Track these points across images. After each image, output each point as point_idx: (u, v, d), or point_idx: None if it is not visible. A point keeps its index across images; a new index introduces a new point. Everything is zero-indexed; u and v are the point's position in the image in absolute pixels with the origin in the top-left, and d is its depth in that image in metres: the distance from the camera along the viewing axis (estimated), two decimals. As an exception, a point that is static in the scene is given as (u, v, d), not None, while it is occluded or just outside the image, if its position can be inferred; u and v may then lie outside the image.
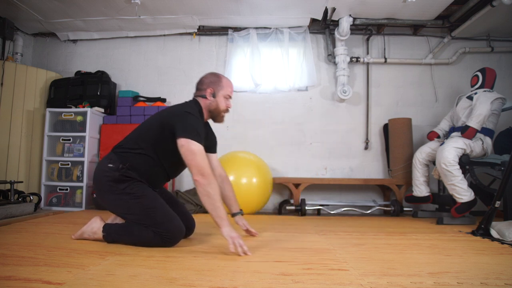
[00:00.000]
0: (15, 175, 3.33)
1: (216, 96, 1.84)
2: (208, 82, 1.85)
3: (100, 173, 1.73)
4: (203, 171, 1.58)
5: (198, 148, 1.61)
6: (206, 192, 1.57)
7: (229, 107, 1.89)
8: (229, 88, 1.87)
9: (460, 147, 2.68)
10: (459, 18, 3.40)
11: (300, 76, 3.78)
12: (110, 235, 1.71)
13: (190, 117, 1.68)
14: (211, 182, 1.58)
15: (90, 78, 3.70)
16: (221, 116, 1.89)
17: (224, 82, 1.86)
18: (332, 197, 3.72)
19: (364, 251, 1.66)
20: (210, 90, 1.83)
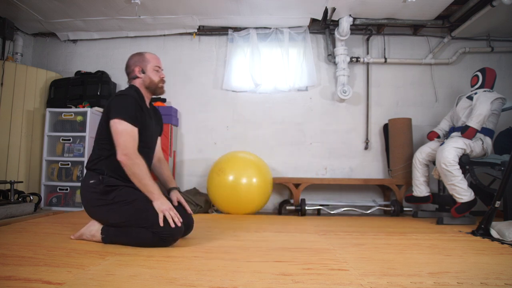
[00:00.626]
0: (15, 175, 3.33)
1: (146, 72, 1.87)
2: (133, 62, 1.89)
3: (86, 191, 1.76)
4: (126, 151, 1.62)
5: (123, 128, 1.64)
6: (132, 172, 1.63)
7: (163, 77, 1.92)
8: (155, 60, 1.91)
9: (460, 147, 2.68)
10: (459, 18, 3.40)
11: (300, 76, 3.78)
12: (108, 237, 1.71)
13: (121, 97, 1.72)
14: (135, 161, 1.62)
15: (90, 78, 3.70)
16: (160, 87, 1.91)
17: (148, 56, 1.90)
18: (332, 197, 3.72)
19: (364, 251, 1.66)
20: (138, 68, 1.86)
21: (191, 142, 3.89)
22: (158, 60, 1.94)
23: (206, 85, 3.94)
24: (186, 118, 3.91)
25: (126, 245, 1.67)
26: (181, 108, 3.91)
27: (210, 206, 3.40)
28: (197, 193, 3.57)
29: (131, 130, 1.66)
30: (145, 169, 1.65)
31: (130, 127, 1.66)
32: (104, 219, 1.74)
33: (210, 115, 3.89)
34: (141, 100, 1.81)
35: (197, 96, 3.92)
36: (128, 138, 1.64)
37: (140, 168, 1.63)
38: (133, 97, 1.74)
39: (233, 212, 3.17)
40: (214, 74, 3.94)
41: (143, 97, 1.86)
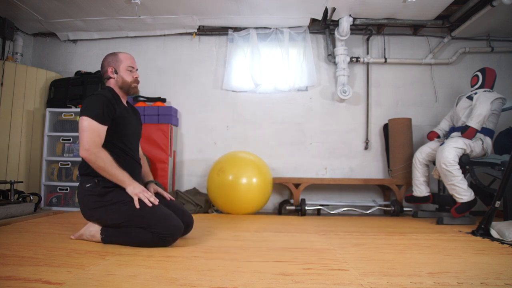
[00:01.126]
0: (15, 175, 3.33)
1: (118, 72, 1.87)
2: (107, 63, 1.89)
3: (83, 196, 1.76)
4: (87, 145, 1.62)
5: (87, 124, 1.65)
6: (98, 166, 1.64)
7: (136, 77, 1.91)
8: (128, 60, 1.90)
9: (460, 147, 2.68)
10: (459, 18, 3.40)
11: (300, 76, 3.78)
12: (108, 237, 1.71)
13: (91, 97, 1.74)
14: (98, 155, 1.63)
15: (90, 78, 3.70)
16: (133, 87, 1.91)
17: (121, 56, 1.89)
18: (332, 197, 3.72)
19: (364, 251, 1.66)
20: (111, 68, 1.87)
21: (191, 142, 3.89)
22: (131, 60, 1.93)
23: (206, 85, 3.94)
24: (186, 118, 3.91)
25: (126, 245, 1.67)
26: (181, 108, 3.91)
27: (210, 206, 3.40)
28: (197, 193, 3.57)
29: (96, 127, 1.66)
30: (109, 160, 1.64)
31: (94, 123, 1.66)
32: (102, 220, 1.74)
33: (210, 115, 3.89)
34: (116, 99, 1.82)
35: (197, 96, 3.92)
36: (91, 134, 1.64)
37: (104, 160, 1.63)
38: (104, 96, 1.74)
39: (233, 212, 3.17)
40: (214, 74, 3.94)
41: (118, 96, 1.87)
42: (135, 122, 1.96)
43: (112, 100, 1.77)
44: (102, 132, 1.69)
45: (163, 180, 3.48)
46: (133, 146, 1.88)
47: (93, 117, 1.66)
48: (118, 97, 1.87)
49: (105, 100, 1.72)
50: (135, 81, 1.91)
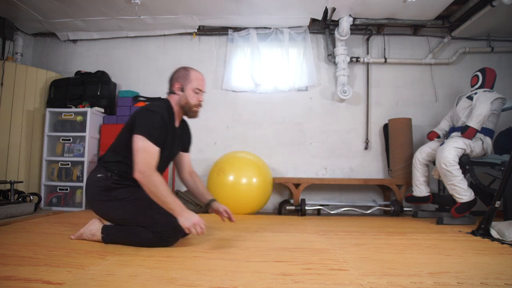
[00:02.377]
0: (15, 175, 3.33)
1: (184, 90, 1.78)
2: (176, 77, 1.81)
3: (91, 185, 1.75)
4: (142, 168, 1.55)
5: (143, 145, 1.58)
6: (149, 190, 1.56)
7: (200, 100, 1.81)
8: (198, 81, 1.80)
9: (460, 147, 2.68)
10: (459, 18, 3.40)
11: (300, 76, 3.78)
12: (108, 236, 1.71)
13: (148, 113, 1.66)
14: (151, 179, 1.55)
15: (90, 78, 3.70)
16: (193, 111, 1.82)
17: (193, 75, 1.80)
18: (332, 197, 3.72)
19: (364, 251, 1.66)
20: (178, 84, 1.79)
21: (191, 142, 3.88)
22: (201, 82, 1.82)
23: (206, 85, 3.93)
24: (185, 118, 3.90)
25: (126, 244, 1.67)
26: (181, 108, 3.90)
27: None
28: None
29: (151, 149, 1.59)
30: (163, 186, 1.56)
31: (150, 145, 1.59)
32: (105, 214, 1.74)
33: (210, 115, 3.89)
34: (170, 119, 1.75)
35: (197, 96, 3.91)
36: (146, 155, 1.57)
37: (156, 185, 1.54)
38: (162, 116, 1.67)
39: (233, 212, 3.14)
40: (214, 74, 3.94)
41: (173, 115, 1.79)
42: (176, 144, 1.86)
43: (167, 122, 1.71)
44: (157, 154, 1.62)
45: (163, 180, 3.47)
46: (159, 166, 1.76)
47: (150, 138, 1.59)
48: (173, 116, 1.79)
49: (162, 122, 1.66)
50: (198, 105, 1.82)
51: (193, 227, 1.52)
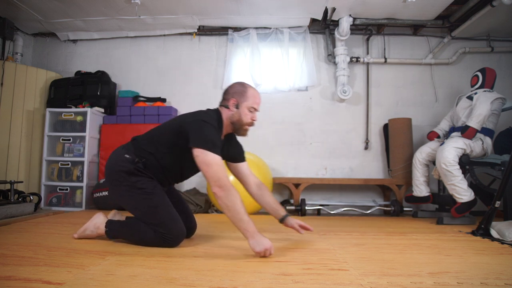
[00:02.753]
0: (15, 175, 3.33)
1: (239, 107, 1.71)
2: (233, 92, 1.73)
3: (114, 162, 1.71)
4: (220, 182, 1.49)
5: (213, 158, 1.52)
6: (225, 205, 1.48)
7: (254, 120, 1.74)
8: (254, 100, 1.72)
9: (460, 147, 2.68)
10: (459, 18, 3.40)
11: (300, 76, 3.78)
12: (112, 231, 1.72)
13: (206, 126, 1.59)
14: (229, 193, 1.48)
15: (90, 78, 3.70)
16: (244, 130, 1.75)
17: (250, 93, 1.72)
18: (332, 197, 3.72)
19: (364, 251, 1.66)
20: (234, 100, 1.71)
21: (191, 142, 3.88)
22: (258, 101, 1.75)
23: (206, 85, 3.94)
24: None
25: (129, 240, 1.68)
26: (181, 108, 3.90)
27: (210, 206, 3.40)
28: (197, 193, 3.57)
29: (220, 161, 1.54)
30: (240, 202, 1.48)
31: (217, 157, 1.53)
32: (117, 197, 1.71)
33: (210, 115, 3.88)
34: (218, 132, 1.67)
35: (197, 96, 3.92)
36: (220, 168, 1.51)
37: (234, 201, 1.47)
38: (214, 127, 1.62)
39: (233, 212, 3.16)
40: (214, 74, 3.94)
41: (222, 129, 1.73)
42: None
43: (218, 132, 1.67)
44: (224, 164, 1.57)
45: (163, 180, 3.48)
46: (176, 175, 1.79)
47: (215, 151, 1.53)
48: (221, 130, 1.73)
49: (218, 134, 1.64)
50: (251, 124, 1.74)
51: (263, 254, 1.45)
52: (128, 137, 3.50)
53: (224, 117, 1.73)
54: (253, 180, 1.88)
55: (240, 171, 1.87)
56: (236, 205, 1.47)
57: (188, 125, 1.61)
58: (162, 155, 1.68)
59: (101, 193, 3.19)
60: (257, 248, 1.44)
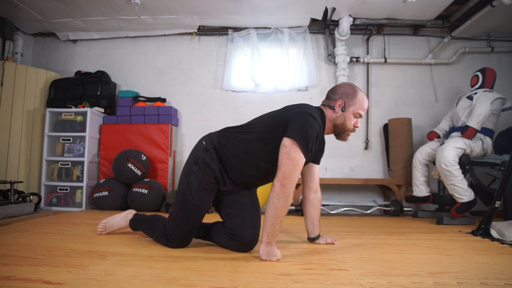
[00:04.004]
0: (15, 175, 3.33)
1: (345, 111, 1.58)
2: (341, 93, 1.61)
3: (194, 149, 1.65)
4: (286, 180, 1.38)
5: (297, 156, 1.39)
6: (273, 202, 1.39)
7: (357, 126, 1.62)
8: (361, 106, 1.60)
9: (460, 147, 2.68)
10: (459, 18, 3.40)
11: (300, 76, 3.78)
12: (134, 221, 1.84)
13: (311, 122, 1.44)
14: (285, 195, 1.38)
15: (90, 78, 3.70)
16: (345, 135, 1.63)
17: (360, 98, 1.59)
18: (332, 197, 3.72)
19: (364, 251, 1.66)
20: (341, 102, 1.58)
21: (191, 142, 3.88)
22: (365, 107, 1.61)
23: (206, 85, 3.94)
24: (186, 118, 3.91)
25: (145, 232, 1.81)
26: (181, 108, 3.91)
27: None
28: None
29: (300, 160, 1.41)
30: (286, 209, 1.41)
31: (302, 158, 1.41)
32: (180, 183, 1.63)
33: (210, 115, 3.89)
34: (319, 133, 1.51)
35: (197, 96, 3.92)
36: (294, 168, 1.39)
37: (283, 204, 1.38)
38: (319, 126, 1.48)
39: (233, 212, 3.16)
40: (214, 74, 3.94)
41: (323, 130, 1.60)
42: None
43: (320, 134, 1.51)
44: (302, 166, 1.45)
45: (163, 180, 3.48)
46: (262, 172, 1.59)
47: (303, 148, 1.40)
48: (322, 131, 1.59)
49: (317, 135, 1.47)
50: (353, 130, 1.63)
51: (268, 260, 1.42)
52: (128, 137, 3.53)
53: (327, 117, 1.61)
54: (315, 187, 1.80)
55: (311, 170, 1.78)
56: (281, 209, 1.39)
57: (293, 115, 1.47)
58: (245, 143, 1.53)
59: (101, 193, 3.19)
60: (264, 257, 1.41)
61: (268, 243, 1.42)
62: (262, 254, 1.42)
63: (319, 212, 1.82)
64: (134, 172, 3.21)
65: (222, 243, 1.64)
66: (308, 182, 1.79)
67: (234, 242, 1.56)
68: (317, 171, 1.80)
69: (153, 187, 3.17)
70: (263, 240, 1.43)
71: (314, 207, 1.80)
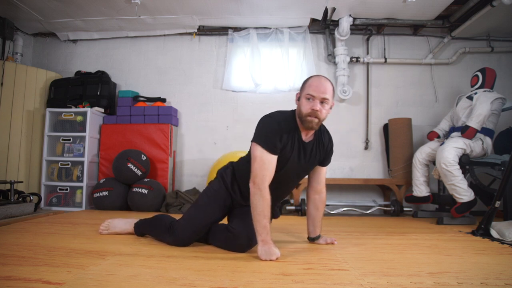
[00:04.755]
0: (15, 175, 3.33)
1: (300, 99, 1.57)
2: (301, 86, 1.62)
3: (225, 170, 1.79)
4: (256, 179, 1.46)
5: (259, 154, 1.47)
6: (252, 202, 1.46)
7: (314, 109, 1.48)
8: (309, 87, 1.51)
9: (460, 147, 2.68)
10: (459, 18, 3.40)
11: (300, 76, 3.78)
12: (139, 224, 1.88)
13: (266, 121, 1.55)
14: (258, 193, 1.44)
15: (90, 78, 3.70)
16: (307, 121, 1.51)
17: (309, 81, 1.54)
18: (332, 197, 3.72)
19: (364, 251, 1.66)
20: (297, 94, 1.61)
21: (191, 142, 3.89)
22: (315, 86, 1.50)
23: (206, 85, 3.94)
24: (186, 118, 3.91)
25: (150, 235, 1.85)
26: (181, 108, 3.91)
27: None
28: (197, 193, 3.57)
29: (266, 158, 1.46)
30: (266, 206, 1.44)
31: (265, 154, 1.46)
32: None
33: (210, 115, 3.89)
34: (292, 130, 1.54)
35: (197, 96, 3.92)
36: (260, 166, 1.46)
37: (259, 201, 1.43)
38: (277, 122, 1.52)
39: (233, 212, 3.16)
40: (214, 74, 3.94)
41: (297, 127, 1.57)
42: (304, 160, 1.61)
43: (285, 131, 1.52)
44: (272, 163, 1.48)
45: (163, 180, 3.48)
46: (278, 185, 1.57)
47: (263, 145, 1.46)
48: (297, 128, 1.57)
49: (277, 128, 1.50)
50: (310, 114, 1.49)
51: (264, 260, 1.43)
52: (128, 137, 3.53)
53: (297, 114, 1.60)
54: (319, 188, 1.80)
55: (316, 171, 1.78)
56: (259, 206, 1.44)
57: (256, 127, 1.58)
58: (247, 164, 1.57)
59: (101, 193, 3.19)
60: (263, 257, 1.43)
61: (264, 242, 1.44)
62: (261, 254, 1.43)
63: (321, 213, 1.82)
64: (134, 172, 3.21)
65: (218, 243, 1.66)
66: (313, 183, 1.81)
67: (230, 237, 1.59)
68: (323, 173, 1.80)
69: (153, 187, 3.17)
70: (258, 240, 1.46)
71: (316, 208, 1.81)
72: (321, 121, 1.56)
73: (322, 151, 1.69)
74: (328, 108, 1.54)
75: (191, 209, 1.71)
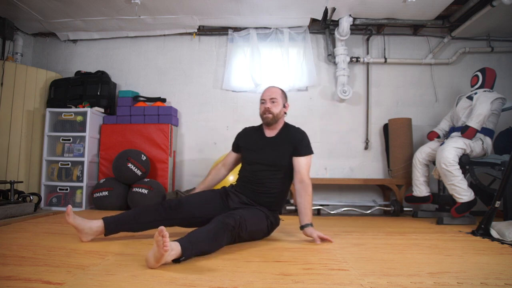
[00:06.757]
0: (15, 175, 3.33)
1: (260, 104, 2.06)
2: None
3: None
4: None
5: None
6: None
7: (266, 107, 1.97)
8: (262, 95, 2.03)
9: (460, 147, 2.68)
10: (459, 18, 3.40)
11: (300, 76, 3.78)
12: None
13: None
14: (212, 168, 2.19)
15: (90, 78, 3.70)
16: (263, 118, 2.02)
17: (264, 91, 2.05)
18: (332, 197, 3.72)
19: (364, 251, 1.66)
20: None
21: (191, 142, 3.89)
22: (265, 93, 2.02)
23: (206, 85, 3.94)
24: (186, 118, 3.91)
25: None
26: (181, 108, 3.91)
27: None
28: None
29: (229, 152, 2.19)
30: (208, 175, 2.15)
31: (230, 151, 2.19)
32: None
33: (210, 115, 3.89)
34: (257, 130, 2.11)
35: (197, 96, 3.92)
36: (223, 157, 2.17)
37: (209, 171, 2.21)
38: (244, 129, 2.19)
39: (233, 212, 3.16)
40: (214, 74, 3.94)
41: (260, 127, 2.10)
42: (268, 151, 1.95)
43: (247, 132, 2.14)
44: (229, 156, 2.16)
45: (163, 180, 3.48)
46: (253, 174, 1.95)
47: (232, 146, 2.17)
48: (260, 128, 2.10)
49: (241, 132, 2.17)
50: (263, 112, 1.99)
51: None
52: (128, 137, 3.53)
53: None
54: (299, 176, 1.90)
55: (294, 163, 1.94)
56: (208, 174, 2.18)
57: None
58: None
59: (101, 193, 3.19)
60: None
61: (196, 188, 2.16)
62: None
63: (305, 201, 1.86)
64: (134, 172, 3.21)
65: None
66: (295, 174, 1.94)
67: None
68: (301, 163, 1.92)
69: (153, 187, 3.17)
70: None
71: (299, 195, 1.88)
72: (276, 117, 1.96)
73: (289, 142, 1.94)
74: (281, 107, 1.98)
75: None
